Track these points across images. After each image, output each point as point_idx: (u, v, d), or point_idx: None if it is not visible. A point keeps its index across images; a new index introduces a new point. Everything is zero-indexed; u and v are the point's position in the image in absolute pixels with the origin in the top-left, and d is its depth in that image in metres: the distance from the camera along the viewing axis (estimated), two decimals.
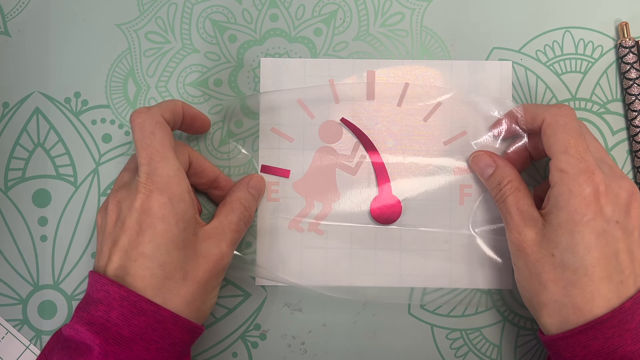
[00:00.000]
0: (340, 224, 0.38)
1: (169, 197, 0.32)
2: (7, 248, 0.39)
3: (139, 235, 0.31)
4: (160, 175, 0.32)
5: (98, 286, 0.31)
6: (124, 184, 0.34)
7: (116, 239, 0.32)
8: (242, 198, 0.36)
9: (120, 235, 0.32)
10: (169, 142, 0.33)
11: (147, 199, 0.31)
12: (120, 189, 0.33)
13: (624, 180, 0.32)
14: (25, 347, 0.39)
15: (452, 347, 0.38)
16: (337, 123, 0.39)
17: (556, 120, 0.33)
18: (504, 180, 0.35)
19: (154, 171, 0.32)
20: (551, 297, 0.31)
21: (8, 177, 0.39)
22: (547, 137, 0.33)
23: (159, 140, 0.32)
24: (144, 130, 0.32)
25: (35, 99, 0.39)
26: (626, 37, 0.38)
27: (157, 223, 0.31)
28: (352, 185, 0.39)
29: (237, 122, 0.39)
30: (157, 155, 0.32)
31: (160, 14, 0.40)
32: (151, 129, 0.32)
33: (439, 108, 0.39)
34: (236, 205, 0.35)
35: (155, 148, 0.32)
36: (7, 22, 0.40)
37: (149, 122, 0.32)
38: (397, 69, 0.39)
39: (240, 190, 0.36)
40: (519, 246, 0.33)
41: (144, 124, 0.32)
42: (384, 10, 0.39)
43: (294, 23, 0.39)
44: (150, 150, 0.32)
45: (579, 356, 0.30)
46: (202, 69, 0.39)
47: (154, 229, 0.31)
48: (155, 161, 0.32)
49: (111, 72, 0.39)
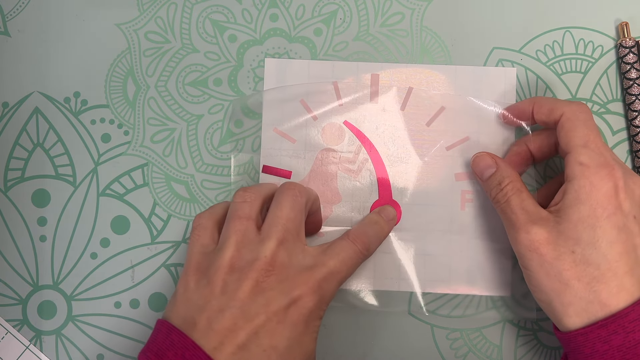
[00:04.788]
0: (341, 226, 0.38)
1: (319, 308, 0.31)
2: (6, 248, 0.39)
3: (280, 325, 0.30)
4: (327, 289, 0.32)
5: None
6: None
7: (251, 314, 0.29)
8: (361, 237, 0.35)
9: (258, 313, 0.30)
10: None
11: (306, 295, 0.30)
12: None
13: (637, 177, 0.32)
14: (25, 347, 0.38)
15: (452, 347, 0.38)
16: (339, 125, 0.39)
17: (576, 115, 0.32)
18: (505, 180, 0.34)
19: (326, 279, 0.32)
20: (576, 294, 0.30)
21: (7, 177, 0.39)
22: (565, 131, 0.33)
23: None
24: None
25: (35, 98, 0.39)
26: (626, 37, 0.38)
27: (302, 324, 0.30)
28: (353, 188, 0.39)
29: (237, 121, 0.39)
30: (339, 274, 0.32)
31: (160, 14, 0.40)
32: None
33: (442, 113, 0.39)
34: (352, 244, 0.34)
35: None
36: (7, 22, 0.40)
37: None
38: (401, 73, 0.39)
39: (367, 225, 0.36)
40: (530, 247, 0.32)
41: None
42: (384, 10, 0.39)
43: (294, 23, 0.39)
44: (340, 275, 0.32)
45: (599, 352, 0.30)
46: (202, 68, 0.39)
47: (295, 328, 0.30)
48: (334, 275, 0.32)
49: (111, 72, 0.39)
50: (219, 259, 0.31)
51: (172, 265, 0.39)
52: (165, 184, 0.39)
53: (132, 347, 0.38)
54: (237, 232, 0.32)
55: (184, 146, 0.39)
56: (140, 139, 0.39)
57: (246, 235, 0.32)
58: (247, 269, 0.30)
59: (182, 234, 0.39)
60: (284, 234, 0.32)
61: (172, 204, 0.39)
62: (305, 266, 0.31)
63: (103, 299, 0.39)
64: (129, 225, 0.39)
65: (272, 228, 0.32)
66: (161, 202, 0.39)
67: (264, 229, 0.32)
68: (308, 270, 0.31)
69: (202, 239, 0.33)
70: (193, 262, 0.32)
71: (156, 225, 0.39)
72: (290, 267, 0.31)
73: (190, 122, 0.39)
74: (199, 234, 0.33)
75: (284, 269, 0.31)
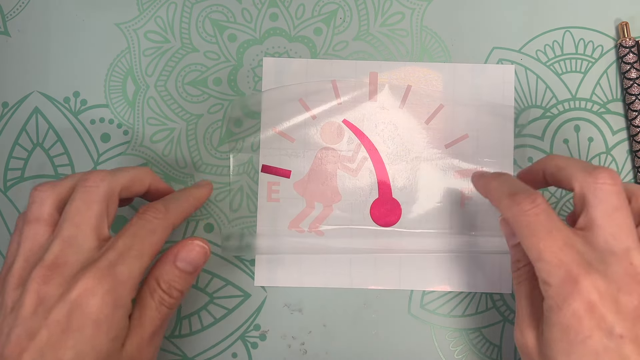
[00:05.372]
0: (341, 225, 0.38)
1: (114, 300, 0.27)
2: (6, 248, 0.39)
3: (63, 334, 0.26)
4: (121, 271, 0.27)
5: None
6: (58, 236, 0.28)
7: (33, 331, 0.26)
8: (165, 276, 0.30)
9: (40, 328, 0.26)
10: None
11: (89, 292, 0.26)
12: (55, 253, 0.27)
13: (628, 281, 0.25)
14: None
15: (452, 347, 0.38)
16: (339, 124, 0.39)
17: (518, 219, 0.27)
18: (520, 262, 0.30)
19: (116, 262, 0.27)
20: None
21: (7, 177, 0.39)
22: (520, 239, 0.28)
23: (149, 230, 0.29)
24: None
25: (35, 98, 0.39)
26: (626, 37, 0.38)
27: (88, 326, 0.26)
28: (353, 186, 0.39)
29: (237, 121, 0.39)
30: (132, 249, 0.28)
31: (160, 14, 0.40)
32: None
33: (441, 111, 0.39)
34: (153, 287, 0.30)
35: (139, 238, 0.28)
36: (7, 22, 0.40)
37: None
38: (400, 71, 0.39)
39: (164, 265, 0.30)
40: (521, 348, 0.29)
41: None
42: (384, 10, 0.39)
43: (294, 22, 0.39)
44: (134, 237, 0.28)
45: None
46: (202, 68, 0.39)
47: (82, 332, 0.26)
48: (124, 253, 0.28)
49: (110, 72, 0.39)
50: (9, 274, 0.28)
51: None
52: None
53: None
54: (26, 240, 0.29)
55: (183, 146, 0.39)
56: (139, 139, 0.39)
57: (35, 241, 0.29)
58: (29, 281, 0.27)
59: (182, 234, 0.39)
60: (71, 231, 0.28)
61: None
62: (87, 259, 0.28)
63: None
64: None
65: (60, 226, 0.28)
66: None
67: (56, 229, 0.29)
68: (92, 262, 0.27)
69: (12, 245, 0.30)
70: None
71: None
72: (74, 265, 0.27)
73: (189, 122, 0.39)
74: (14, 236, 0.30)
75: (66, 269, 0.27)
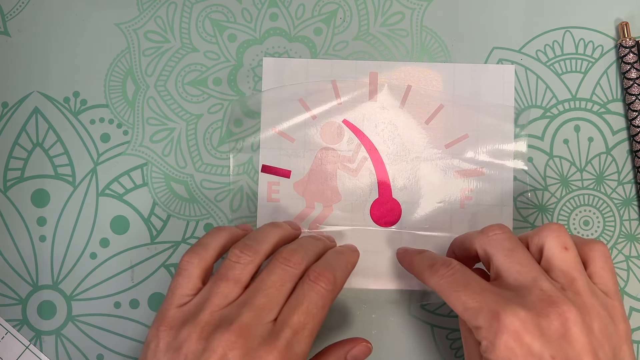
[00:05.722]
0: (341, 225, 0.38)
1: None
2: (6, 248, 0.39)
3: None
4: (296, 353, 0.28)
5: None
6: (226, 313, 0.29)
7: None
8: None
9: None
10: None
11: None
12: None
13: (557, 305, 0.27)
14: (25, 347, 0.38)
15: (452, 347, 0.38)
16: (338, 124, 0.39)
17: (439, 284, 0.30)
18: (463, 326, 0.32)
19: (293, 342, 0.29)
20: None
21: (7, 177, 0.39)
22: (447, 302, 0.30)
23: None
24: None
25: (35, 98, 0.39)
26: (626, 37, 0.38)
27: None
28: (353, 186, 0.39)
29: (237, 121, 0.39)
30: (306, 329, 0.29)
31: (160, 14, 0.40)
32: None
33: (441, 111, 0.39)
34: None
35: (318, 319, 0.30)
36: (7, 22, 0.40)
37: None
38: (400, 71, 0.39)
39: (334, 358, 0.32)
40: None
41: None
42: (384, 10, 0.39)
43: (294, 22, 0.39)
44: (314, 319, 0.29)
45: None
46: (202, 68, 0.39)
47: None
48: (299, 332, 0.29)
49: (110, 72, 0.39)
50: (193, 322, 0.29)
51: (172, 266, 0.39)
52: (164, 184, 0.39)
53: (132, 347, 0.38)
54: (218, 295, 0.30)
55: (183, 146, 0.39)
56: (139, 139, 0.39)
57: (226, 300, 0.30)
58: (215, 341, 0.28)
59: (182, 233, 0.39)
60: (262, 302, 0.29)
61: (171, 204, 0.39)
62: (268, 332, 0.29)
63: (103, 299, 0.39)
64: (128, 225, 0.39)
65: (252, 293, 0.30)
66: (161, 202, 0.39)
67: (246, 293, 0.30)
68: (271, 336, 0.29)
69: (183, 289, 0.31)
70: (168, 316, 0.30)
71: (156, 225, 0.39)
72: (257, 338, 0.28)
73: (189, 122, 0.39)
74: (180, 282, 0.31)
75: (250, 339, 0.28)
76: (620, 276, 0.38)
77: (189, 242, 0.39)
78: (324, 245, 0.34)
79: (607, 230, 0.38)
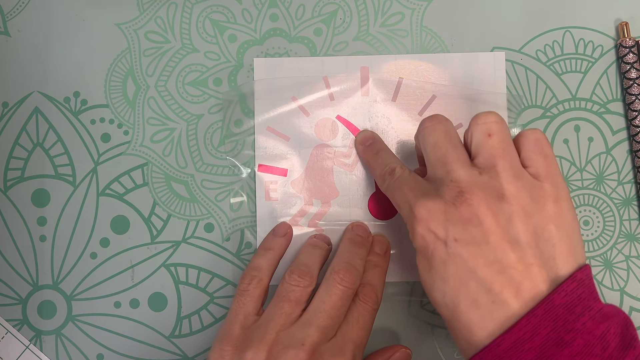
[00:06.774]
0: (340, 221, 0.38)
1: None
2: (6, 248, 0.39)
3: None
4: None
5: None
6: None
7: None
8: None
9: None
10: None
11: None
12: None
13: (462, 193, 0.29)
14: (25, 347, 0.38)
15: (452, 347, 0.38)
16: (332, 120, 0.39)
17: (385, 190, 0.33)
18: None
19: (354, 356, 0.32)
20: (454, 332, 0.30)
21: (7, 177, 0.39)
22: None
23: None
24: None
25: (35, 98, 0.39)
26: (626, 37, 0.38)
27: None
28: (349, 182, 0.39)
29: (237, 121, 0.39)
30: (362, 343, 0.33)
31: (160, 14, 0.40)
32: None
33: (434, 101, 0.39)
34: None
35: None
36: (7, 22, 0.40)
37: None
38: (391, 64, 0.39)
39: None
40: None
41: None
42: (384, 10, 0.39)
43: (294, 23, 0.39)
44: None
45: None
46: (202, 68, 0.39)
47: None
48: (358, 347, 0.33)
49: (110, 72, 0.39)
50: (258, 340, 0.31)
51: (172, 265, 0.39)
52: (165, 184, 0.39)
53: (132, 347, 0.38)
54: (281, 315, 0.32)
55: (183, 146, 0.39)
56: (140, 139, 0.39)
57: (290, 318, 0.32)
58: (282, 358, 0.30)
59: (182, 233, 0.39)
60: (327, 323, 0.32)
61: (172, 204, 0.39)
62: (334, 348, 0.31)
63: (103, 298, 0.39)
64: (128, 225, 0.39)
65: (315, 314, 0.32)
66: (161, 202, 0.39)
67: (308, 313, 0.32)
68: (340, 353, 0.31)
69: (247, 308, 0.33)
70: (233, 334, 0.32)
71: (156, 225, 0.39)
72: (323, 355, 0.31)
73: (190, 122, 0.39)
74: (244, 302, 0.33)
75: (318, 358, 0.30)
76: (620, 276, 0.38)
77: (189, 242, 0.39)
78: (365, 259, 0.36)
79: (607, 230, 0.38)
